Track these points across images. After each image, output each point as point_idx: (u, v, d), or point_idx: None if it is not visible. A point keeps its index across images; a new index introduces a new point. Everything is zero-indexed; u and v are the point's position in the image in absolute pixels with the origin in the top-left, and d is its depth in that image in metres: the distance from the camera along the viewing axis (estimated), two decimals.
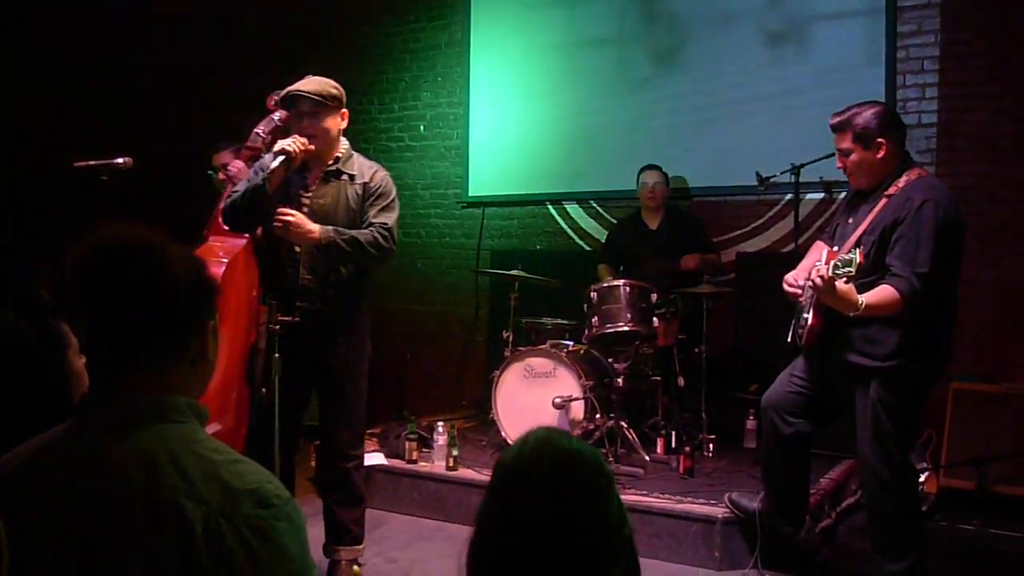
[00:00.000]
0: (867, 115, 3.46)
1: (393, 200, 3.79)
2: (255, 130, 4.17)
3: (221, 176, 4.66)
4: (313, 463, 5.02)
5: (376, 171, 3.78)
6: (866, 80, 5.66)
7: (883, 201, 3.38)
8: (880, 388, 3.36)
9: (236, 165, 4.31)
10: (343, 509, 3.85)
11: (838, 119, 3.52)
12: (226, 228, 4.30)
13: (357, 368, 3.80)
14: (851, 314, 3.21)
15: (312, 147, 3.57)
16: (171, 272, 1.46)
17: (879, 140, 3.41)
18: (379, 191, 3.74)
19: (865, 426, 3.41)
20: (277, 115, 4.14)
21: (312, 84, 3.61)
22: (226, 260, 4.02)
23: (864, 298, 3.17)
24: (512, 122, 7.05)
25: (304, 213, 3.60)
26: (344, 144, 3.76)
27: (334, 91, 3.65)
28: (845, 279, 3.14)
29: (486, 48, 7.18)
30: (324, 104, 3.59)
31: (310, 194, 3.66)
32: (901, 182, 3.38)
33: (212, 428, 3.93)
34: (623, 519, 1.37)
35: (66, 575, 1.33)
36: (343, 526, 3.84)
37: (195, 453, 1.40)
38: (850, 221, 3.54)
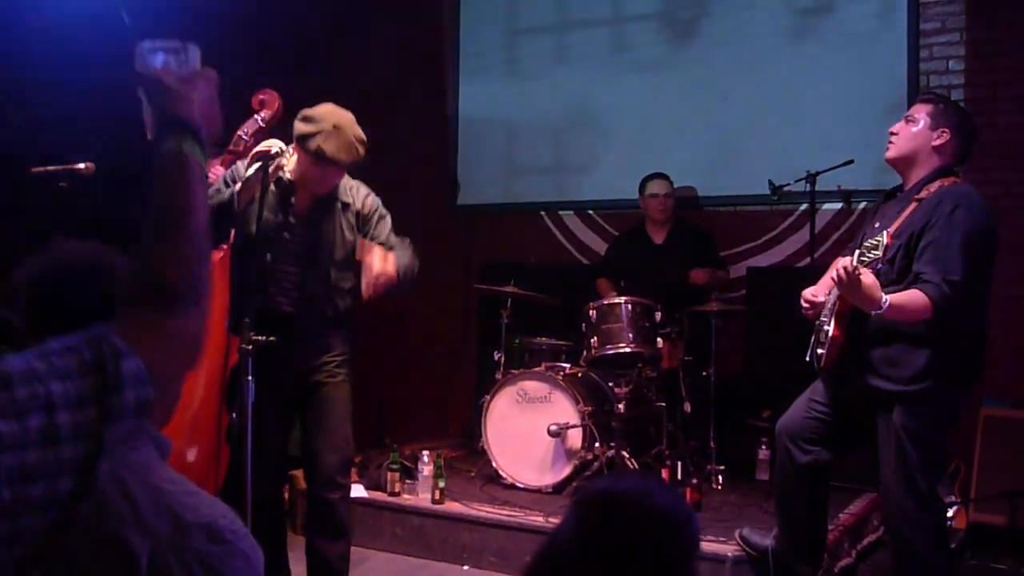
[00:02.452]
0: (958, 108, 3.64)
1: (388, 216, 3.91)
2: (237, 132, 4.16)
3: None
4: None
5: (367, 195, 3.84)
6: (887, 83, 5.69)
7: (912, 205, 3.39)
8: (904, 414, 3.34)
9: (216, 171, 4.30)
10: (327, 544, 3.78)
11: (934, 93, 3.71)
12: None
13: (343, 389, 3.79)
14: (874, 312, 3.20)
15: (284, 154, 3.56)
16: (118, 289, 1.46)
17: (946, 129, 3.46)
18: (377, 212, 3.83)
19: (888, 455, 3.39)
20: (261, 115, 4.12)
21: (347, 150, 3.59)
22: None
23: (889, 296, 3.16)
24: (504, 126, 7.05)
25: (287, 240, 3.62)
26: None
27: (362, 151, 3.67)
28: (873, 263, 3.14)
29: (479, 50, 7.19)
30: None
31: (294, 220, 3.65)
32: (934, 187, 3.39)
33: (191, 454, 3.94)
34: None
35: None
36: (327, 563, 3.78)
37: (146, 483, 1.38)
38: (877, 225, 3.54)
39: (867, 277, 3.13)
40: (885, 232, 3.19)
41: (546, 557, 1.41)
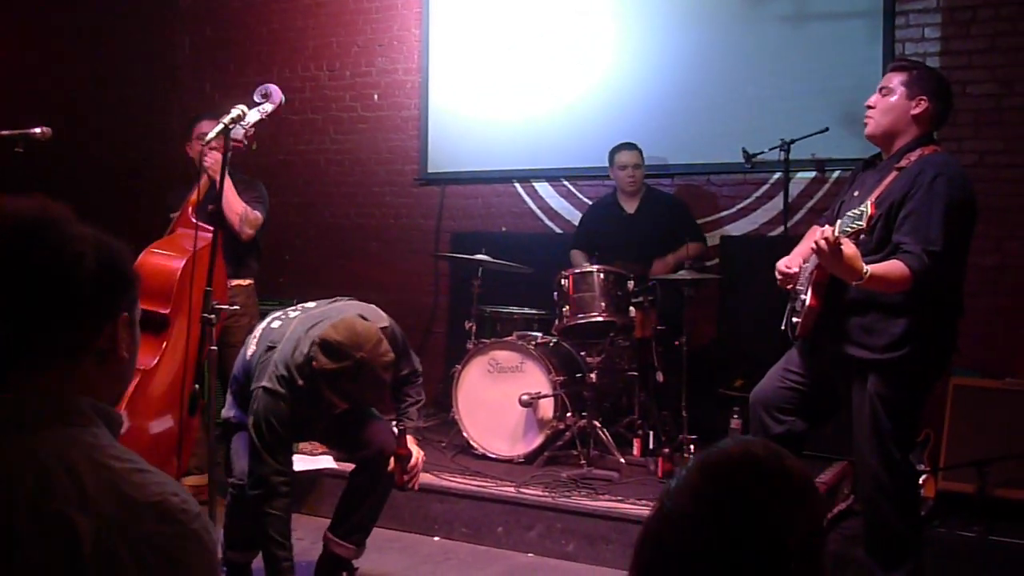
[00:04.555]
0: (932, 71, 3.63)
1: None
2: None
3: (198, 149, 4.59)
4: None
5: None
6: (863, 49, 5.69)
7: (893, 174, 3.39)
8: (879, 382, 3.37)
9: (213, 157, 4.34)
10: (363, 513, 3.95)
11: (908, 60, 3.70)
12: (194, 221, 4.37)
13: None
14: (854, 283, 3.21)
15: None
16: (70, 253, 1.39)
17: (923, 97, 3.46)
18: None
19: (862, 424, 3.42)
20: (266, 107, 3.93)
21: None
22: (189, 253, 4.11)
23: (870, 267, 3.17)
24: (475, 92, 6.99)
25: None
26: None
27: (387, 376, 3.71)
28: (855, 233, 3.15)
29: (446, 9, 7.12)
30: None
31: None
32: (914, 156, 3.40)
33: (164, 424, 4.00)
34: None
35: None
36: (359, 525, 3.95)
37: (93, 460, 1.34)
38: (856, 194, 3.55)
39: (848, 247, 3.12)
40: (868, 202, 3.19)
41: (659, 535, 1.27)
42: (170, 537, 1.32)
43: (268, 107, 3.90)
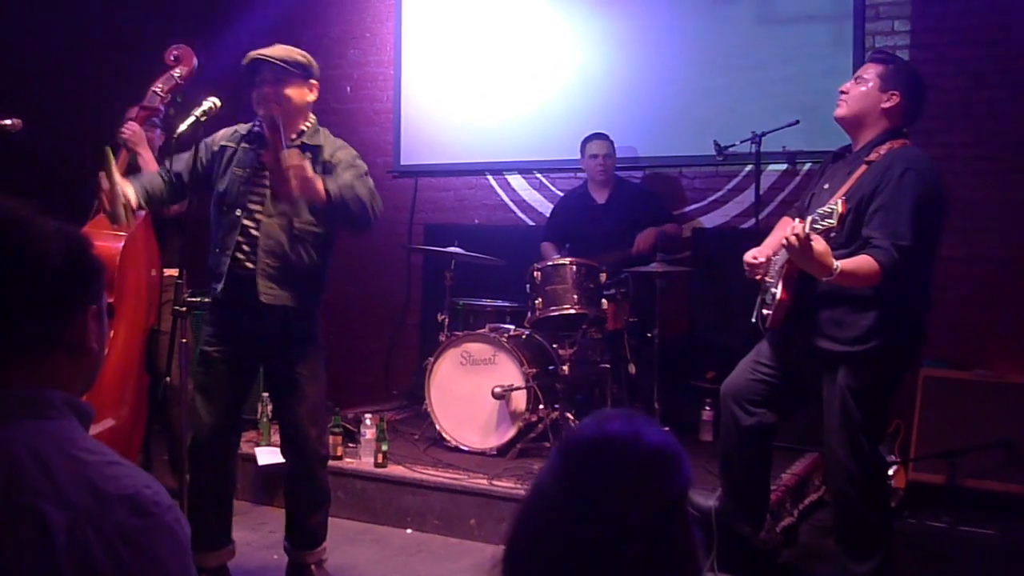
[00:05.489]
0: (909, 67, 3.67)
1: (366, 173, 3.76)
2: (152, 88, 4.10)
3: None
4: None
5: (341, 148, 3.74)
6: (833, 43, 5.71)
7: (862, 168, 3.40)
8: (849, 375, 3.39)
9: (131, 127, 4.22)
10: (312, 514, 3.83)
11: (885, 53, 3.74)
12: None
13: (316, 361, 3.77)
14: (824, 279, 3.21)
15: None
16: (36, 249, 1.40)
17: (896, 91, 3.47)
18: (345, 163, 3.68)
19: (832, 416, 3.44)
20: (177, 71, 4.09)
21: (276, 50, 3.56)
22: (124, 234, 3.92)
23: (840, 263, 3.17)
24: (448, 84, 6.97)
25: (259, 196, 3.57)
26: (311, 118, 3.71)
27: (300, 59, 3.60)
28: (826, 231, 3.16)
29: (419, 2, 7.09)
30: (288, 71, 3.53)
31: (263, 174, 3.58)
32: (883, 149, 3.41)
33: (106, 424, 3.85)
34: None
35: None
36: (310, 530, 3.83)
37: (65, 453, 1.35)
38: (826, 187, 3.56)
39: (818, 244, 3.12)
40: (840, 201, 3.18)
41: (530, 513, 1.31)
42: (142, 530, 1.32)
43: (178, 71, 4.05)
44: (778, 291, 3.44)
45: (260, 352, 3.72)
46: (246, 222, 3.56)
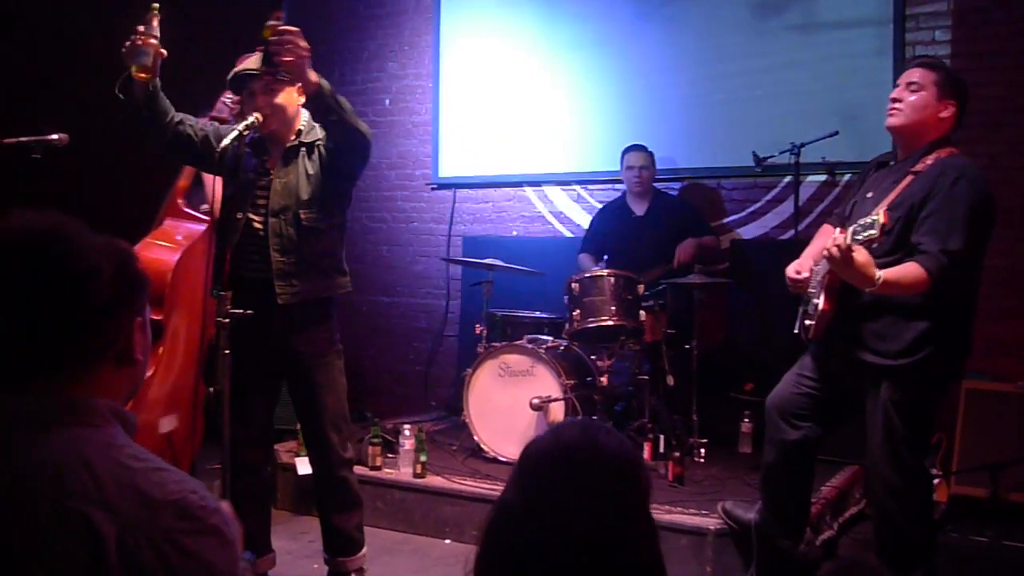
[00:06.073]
0: (958, 74, 3.48)
1: None
2: (221, 98, 4.11)
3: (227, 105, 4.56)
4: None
5: None
6: (873, 53, 5.68)
7: (909, 178, 3.33)
8: (893, 388, 3.33)
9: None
10: (344, 517, 3.83)
11: (932, 58, 3.53)
12: (186, 211, 4.25)
13: (333, 368, 3.77)
14: (867, 289, 3.17)
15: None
16: (86, 263, 1.44)
17: (952, 101, 3.38)
18: None
19: (875, 429, 3.39)
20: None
21: (260, 61, 3.55)
22: (183, 246, 3.97)
23: (883, 273, 3.11)
24: (486, 96, 7.01)
25: (264, 199, 3.59)
26: (304, 117, 3.72)
27: None
28: (867, 242, 3.11)
29: (458, 14, 7.13)
30: (276, 80, 3.54)
31: (269, 178, 3.62)
32: (930, 159, 3.34)
33: (169, 423, 3.93)
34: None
35: None
36: (345, 535, 3.83)
37: (111, 459, 1.38)
38: (869, 195, 3.49)
39: (860, 255, 3.07)
40: (882, 212, 3.13)
41: (495, 526, 1.33)
42: (191, 533, 1.35)
43: None
44: (820, 301, 3.40)
45: (279, 356, 3.71)
46: (256, 224, 3.60)
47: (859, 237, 3.11)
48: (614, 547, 1.25)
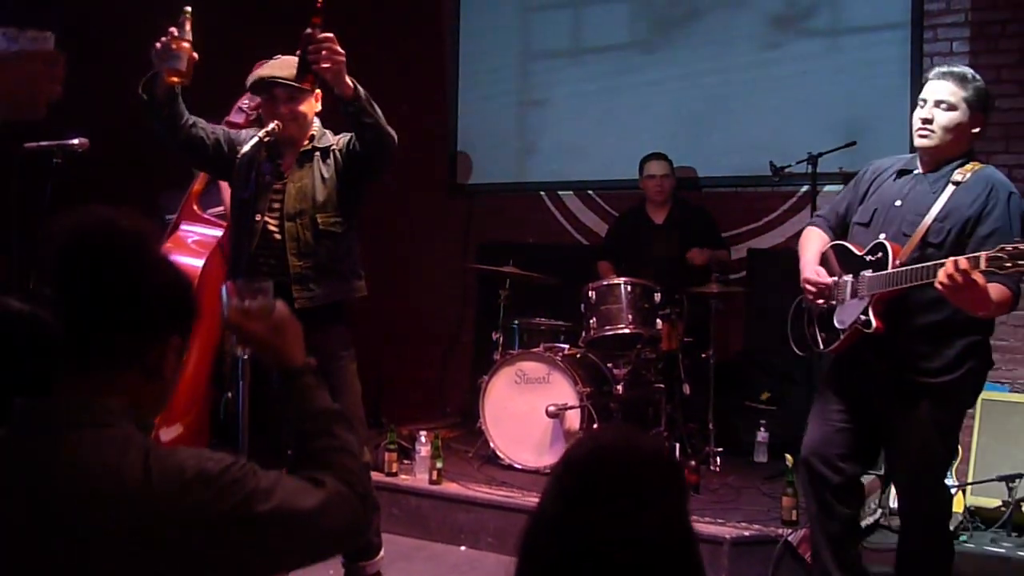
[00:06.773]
0: (983, 85, 3.32)
1: None
2: (237, 104, 4.12)
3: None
4: None
5: (343, 135, 3.75)
6: (891, 63, 5.68)
7: (950, 188, 3.24)
8: (933, 406, 3.23)
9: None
10: None
11: (959, 69, 3.33)
12: (200, 214, 4.26)
13: (347, 371, 3.77)
14: (980, 314, 3.07)
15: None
16: (153, 270, 1.50)
17: (981, 114, 3.30)
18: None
19: (910, 446, 3.30)
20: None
21: (286, 68, 3.58)
22: (204, 256, 4.02)
23: (992, 295, 2.99)
24: (504, 103, 7.03)
25: (279, 203, 3.61)
26: (316, 124, 3.76)
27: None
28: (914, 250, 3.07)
29: (477, 21, 7.16)
30: (300, 88, 3.57)
31: (284, 182, 3.65)
32: (968, 169, 3.26)
33: (174, 430, 3.94)
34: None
35: None
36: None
37: (129, 455, 1.41)
38: (898, 203, 3.36)
39: (980, 278, 2.90)
40: (923, 225, 3.11)
41: (534, 538, 1.35)
42: (217, 496, 1.41)
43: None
44: (870, 319, 3.24)
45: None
46: (271, 228, 3.62)
47: (1006, 267, 2.88)
48: (655, 551, 1.25)
